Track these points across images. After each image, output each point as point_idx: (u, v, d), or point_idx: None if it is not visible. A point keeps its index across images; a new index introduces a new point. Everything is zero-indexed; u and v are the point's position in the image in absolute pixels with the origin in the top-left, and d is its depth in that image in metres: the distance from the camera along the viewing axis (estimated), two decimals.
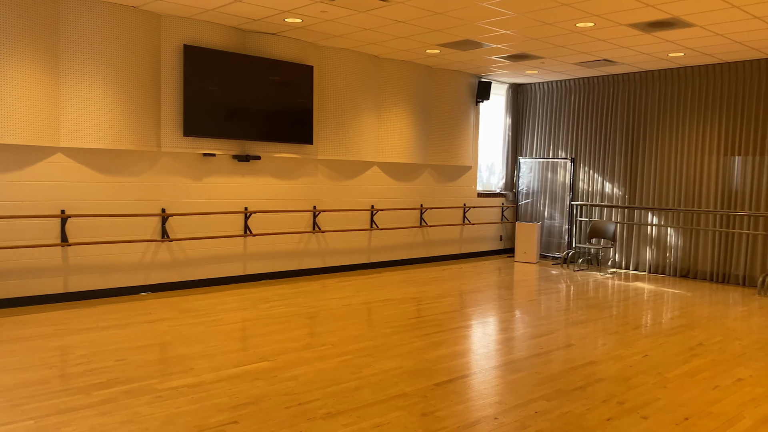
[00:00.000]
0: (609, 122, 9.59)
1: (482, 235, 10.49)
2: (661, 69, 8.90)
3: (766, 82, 7.97)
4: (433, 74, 9.40)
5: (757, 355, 4.96)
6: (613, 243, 9.44)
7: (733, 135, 8.30)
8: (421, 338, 5.19)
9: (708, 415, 3.66)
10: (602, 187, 9.69)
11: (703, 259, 8.63)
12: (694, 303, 7.01)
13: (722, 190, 8.41)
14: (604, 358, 4.75)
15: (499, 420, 3.50)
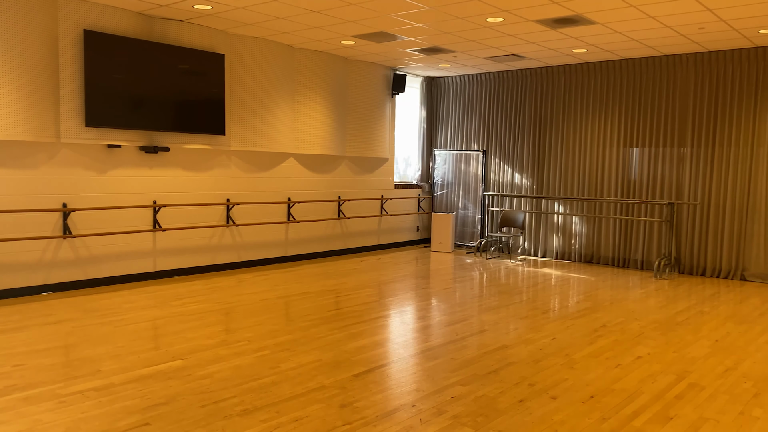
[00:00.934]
0: (518, 116, 9.94)
1: (400, 226, 10.61)
2: (566, 64, 9.31)
3: (661, 78, 8.51)
4: (349, 65, 9.37)
5: (653, 334, 5.31)
6: (522, 231, 9.81)
7: (631, 128, 8.82)
8: (339, 330, 5.18)
9: (611, 392, 3.89)
10: (512, 178, 10.04)
11: (606, 245, 9.13)
12: (598, 287, 7.41)
13: (622, 180, 8.92)
14: (516, 342, 4.93)
15: (417, 407, 3.56)
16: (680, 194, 8.43)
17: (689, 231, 8.40)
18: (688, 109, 8.32)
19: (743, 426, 3.40)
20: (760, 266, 7.87)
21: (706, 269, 8.28)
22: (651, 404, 3.68)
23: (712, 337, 5.22)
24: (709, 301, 6.68)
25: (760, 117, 7.77)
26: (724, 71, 8.01)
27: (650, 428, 3.34)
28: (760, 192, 7.81)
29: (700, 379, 4.16)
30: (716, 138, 8.11)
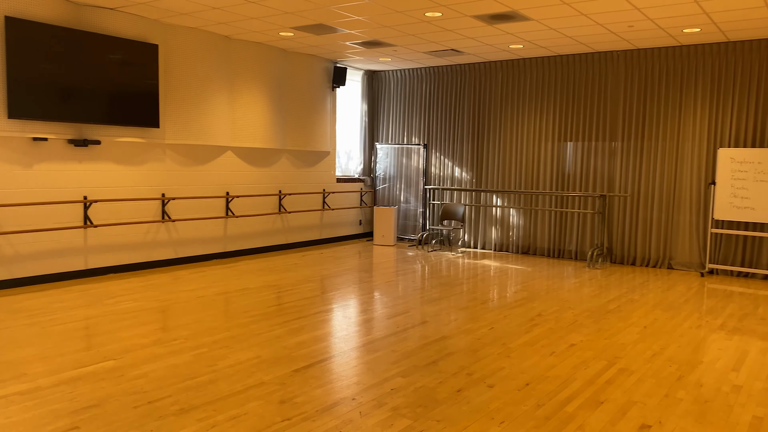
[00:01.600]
0: (458, 110, 10.07)
1: (342, 220, 10.58)
2: (503, 60, 9.49)
3: (593, 74, 8.79)
4: (288, 57, 9.26)
5: (586, 321, 5.50)
6: (462, 224, 9.97)
7: (566, 122, 9.08)
8: (280, 326, 5.13)
9: (545, 379, 4.00)
10: (453, 172, 10.17)
11: (542, 236, 9.39)
12: (534, 277, 7.61)
13: (557, 174, 9.19)
14: (455, 333, 5.01)
15: (357, 400, 3.57)
16: (612, 187, 8.75)
17: (620, 222, 8.73)
18: (618, 105, 8.63)
19: (668, 407, 3.57)
20: (685, 255, 8.27)
21: (636, 258, 8.64)
22: (583, 390, 3.81)
23: (641, 324, 5.45)
24: (639, 289, 6.97)
25: (684, 112, 8.15)
26: (652, 68, 8.35)
27: (582, 413, 3.46)
28: (685, 184, 8.20)
29: (629, 364, 4.34)
30: (645, 132, 8.45)
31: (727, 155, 7.69)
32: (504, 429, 3.23)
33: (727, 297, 6.66)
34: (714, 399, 3.70)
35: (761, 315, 5.87)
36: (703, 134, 8.04)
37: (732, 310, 6.03)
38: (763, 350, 4.72)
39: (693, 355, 4.57)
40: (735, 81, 7.80)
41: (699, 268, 8.18)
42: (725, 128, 7.90)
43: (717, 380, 4.03)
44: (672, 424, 3.34)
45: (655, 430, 3.26)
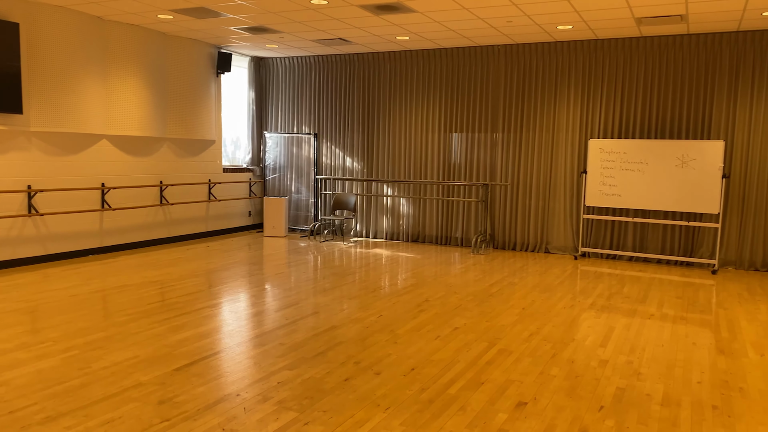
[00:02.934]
0: (348, 99, 10.07)
1: (230, 212, 10.28)
2: (391, 51, 9.59)
3: (476, 67, 9.10)
4: (168, 42, 8.81)
5: (470, 305, 5.71)
6: (354, 214, 10.01)
7: (451, 114, 9.35)
8: (161, 323, 4.90)
9: (430, 363, 4.11)
10: (344, 162, 10.17)
11: (430, 224, 9.64)
12: (423, 264, 7.80)
13: (444, 163, 9.45)
14: (345, 322, 5.02)
15: (242, 396, 3.48)
16: (494, 176, 9.13)
17: (502, 209, 9.14)
18: (499, 98, 9.00)
19: (543, 384, 3.78)
20: (560, 239, 8.80)
21: (516, 244, 9.08)
22: (465, 371, 3.95)
23: (520, 306, 5.74)
24: (519, 273, 7.34)
25: (558, 105, 8.64)
26: (529, 63, 8.77)
27: (464, 394, 3.58)
28: (559, 173, 8.71)
29: (508, 344, 4.55)
30: (523, 124, 8.88)
31: (597, 146, 8.26)
32: (389, 414, 3.27)
33: (597, 278, 7.17)
34: (583, 374, 3.97)
35: (626, 294, 6.37)
36: (576, 126, 8.57)
37: (601, 290, 6.49)
38: (627, 326, 5.13)
39: (566, 333, 4.88)
40: (603, 76, 8.37)
41: (573, 252, 8.74)
42: (595, 120, 8.47)
43: (586, 356, 4.32)
44: (546, 399, 3.54)
45: (531, 406, 3.44)
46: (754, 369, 4.13)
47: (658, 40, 8.01)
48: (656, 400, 3.55)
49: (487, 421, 3.22)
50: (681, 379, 3.90)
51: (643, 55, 8.12)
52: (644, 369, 4.08)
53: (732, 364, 4.21)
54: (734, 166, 7.79)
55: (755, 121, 7.64)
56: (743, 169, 7.75)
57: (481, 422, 3.20)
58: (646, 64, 8.12)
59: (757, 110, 7.62)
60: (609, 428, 3.17)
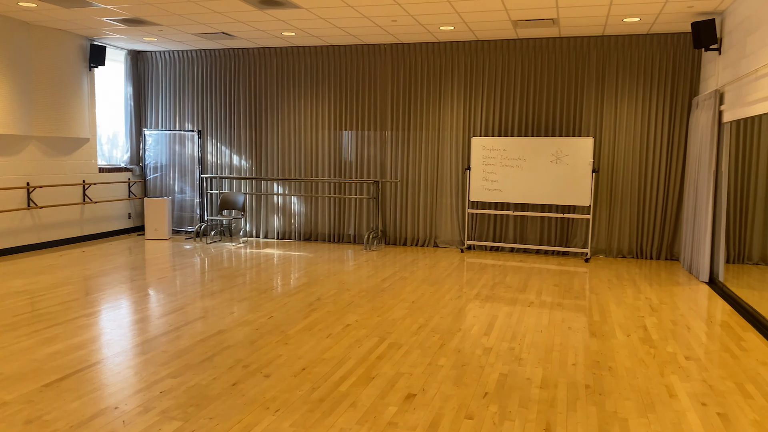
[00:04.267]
0: (233, 95, 9.79)
1: (108, 214, 9.68)
2: (277, 46, 9.43)
3: (364, 65, 9.17)
4: (33, 32, 8.12)
5: (362, 302, 5.75)
6: (243, 213, 9.77)
7: (341, 112, 9.36)
8: (29, 336, 4.51)
9: (321, 361, 4.09)
10: (231, 160, 9.89)
11: (322, 222, 9.60)
12: (316, 263, 7.75)
13: (335, 161, 9.44)
14: (233, 326, 4.88)
15: (120, 409, 3.28)
16: (384, 173, 9.25)
17: (392, 206, 9.28)
18: (387, 96, 9.13)
19: (431, 375, 3.87)
20: (448, 234, 9.08)
21: (407, 239, 9.27)
22: (356, 368, 3.97)
23: (410, 299, 5.85)
24: (409, 267, 7.49)
25: (443, 104, 8.90)
26: (415, 62, 8.97)
27: (354, 390, 3.59)
28: (446, 170, 8.98)
29: (398, 338, 4.62)
30: (411, 122, 9.07)
31: (479, 143, 8.60)
32: (279, 416, 3.22)
33: (482, 269, 7.47)
34: (469, 362, 4.11)
35: (508, 283, 6.68)
36: (460, 124, 8.87)
37: (485, 281, 6.77)
38: (509, 314, 5.38)
39: (453, 324, 5.04)
40: (484, 76, 8.72)
41: (459, 245, 9.05)
42: (477, 119, 8.81)
43: (472, 345, 4.48)
44: (434, 389, 3.63)
45: (420, 397, 3.51)
46: (622, 349, 4.47)
47: (533, 42, 8.46)
48: (536, 384, 3.75)
49: (377, 415, 3.25)
50: (558, 362, 4.14)
51: (520, 56, 8.55)
52: (525, 354, 4.29)
53: (602, 346, 4.53)
54: (602, 162, 8.40)
55: (620, 120, 8.28)
56: (611, 164, 8.37)
57: (371, 417, 3.23)
58: (522, 65, 8.55)
59: (621, 109, 8.26)
60: (492, 413, 3.31)
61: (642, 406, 3.43)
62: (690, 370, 4.03)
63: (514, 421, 3.22)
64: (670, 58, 8.03)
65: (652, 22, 7.30)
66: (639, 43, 8.12)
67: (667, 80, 8.06)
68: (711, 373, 3.97)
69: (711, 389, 3.69)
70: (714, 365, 4.12)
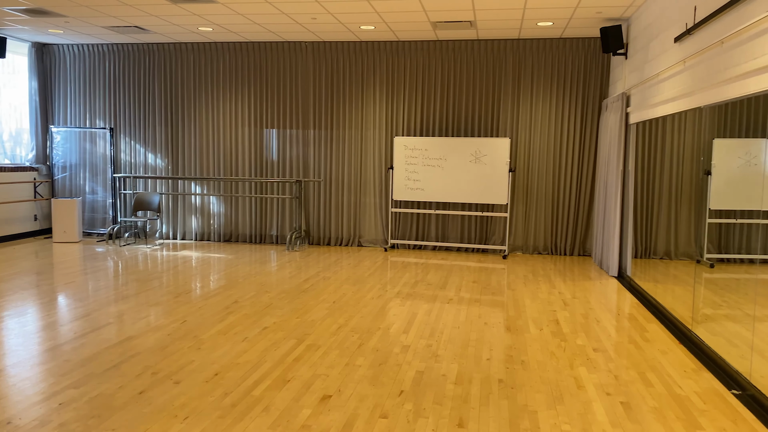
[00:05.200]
0: (148, 92, 9.42)
1: (11, 216, 9.08)
2: (194, 42, 9.15)
3: (285, 63, 9.03)
4: None
5: (281, 303, 5.65)
6: (159, 214, 9.41)
7: (263, 109, 9.18)
8: None
9: (236, 366, 3.98)
10: (145, 159, 9.51)
11: (243, 223, 9.39)
12: (235, 264, 7.57)
13: (256, 160, 9.26)
14: (143, 332, 4.68)
15: (14, 423, 3.07)
16: (307, 172, 9.15)
17: (316, 205, 9.20)
18: (309, 95, 9.03)
19: (348, 375, 3.84)
20: (372, 233, 9.10)
21: (331, 239, 9.21)
22: (272, 371, 3.89)
23: (331, 300, 5.80)
24: (333, 267, 7.44)
25: (366, 104, 8.90)
26: (337, 61, 8.92)
27: (268, 394, 3.51)
28: (369, 169, 8.99)
29: (316, 339, 4.57)
30: (334, 121, 9.01)
31: (401, 143, 8.65)
32: (188, 424, 3.10)
33: (404, 267, 7.52)
34: (386, 361, 4.12)
35: (429, 281, 6.75)
36: (382, 124, 8.90)
37: (407, 279, 6.82)
38: (428, 311, 5.43)
39: (373, 323, 5.03)
40: (405, 77, 8.79)
41: (383, 244, 9.08)
42: (399, 118, 8.86)
43: (390, 343, 4.49)
44: (350, 390, 3.60)
45: (335, 398, 3.48)
46: (534, 342, 4.60)
47: (453, 44, 8.61)
48: (451, 380, 3.79)
49: (291, 418, 3.19)
50: (473, 358, 4.21)
51: (440, 57, 8.67)
52: (442, 351, 4.34)
53: (516, 340, 4.65)
54: (519, 161, 8.64)
55: (535, 121, 8.55)
56: (527, 163, 8.63)
57: (284, 421, 3.16)
58: (443, 66, 8.68)
59: (536, 111, 8.53)
60: (407, 411, 3.31)
61: (551, 399, 3.53)
62: (597, 361, 4.19)
63: (428, 418, 3.24)
64: (582, 62, 8.36)
65: (564, 26, 7.58)
66: (553, 47, 8.41)
67: (579, 83, 8.39)
68: (616, 363, 4.15)
69: (616, 379, 3.85)
70: (619, 356, 4.31)
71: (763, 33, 3.62)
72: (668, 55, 5.55)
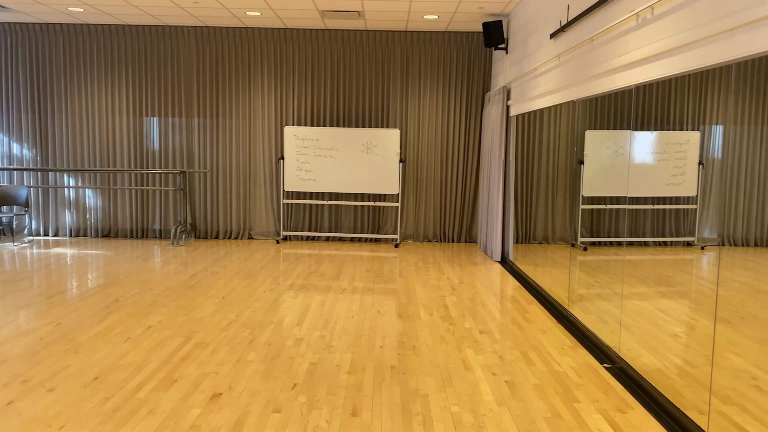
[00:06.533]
0: (11, 76, 8.61)
1: None
2: (64, 23, 8.47)
3: (166, 48, 8.59)
4: None
5: (166, 301, 5.40)
6: (26, 209, 8.66)
7: (143, 97, 8.68)
8: None
9: (117, 368, 3.75)
10: (9, 149, 8.71)
11: (123, 217, 8.87)
12: (115, 261, 7.14)
13: (136, 150, 8.75)
14: (11, 337, 4.29)
15: None
16: (192, 163, 8.79)
17: (202, 197, 8.87)
18: (193, 82, 8.66)
19: (239, 372, 3.75)
20: (263, 225, 8.92)
21: (219, 232, 8.92)
22: (157, 372, 3.71)
23: (220, 295, 5.63)
24: (222, 262, 7.21)
25: (254, 92, 8.68)
26: (222, 47, 8.61)
27: (154, 396, 3.35)
28: (259, 159, 8.79)
29: (205, 336, 4.41)
30: (219, 110, 8.71)
31: (292, 133, 8.54)
32: None
33: (297, 259, 7.45)
34: (279, 355, 4.06)
35: (322, 272, 6.73)
36: (272, 113, 8.73)
37: (300, 271, 6.75)
38: (322, 303, 5.42)
39: (265, 317, 4.94)
40: (294, 65, 8.66)
41: (275, 236, 8.94)
42: (289, 108, 8.73)
43: (283, 337, 4.43)
44: (241, 386, 3.52)
45: (226, 396, 3.38)
46: (425, 328, 4.72)
47: (342, 33, 8.58)
48: (344, 369, 3.81)
49: (179, 420, 3.07)
50: (366, 347, 4.25)
51: (329, 47, 8.62)
52: (335, 341, 4.34)
53: (408, 326, 4.75)
54: (408, 152, 8.81)
55: (423, 112, 8.74)
56: (416, 154, 8.81)
57: (171, 423, 3.03)
58: (332, 55, 8.64)
59: (424, 102, 8.72)
60: (301, 404, 3.29)
61: (441, 381, 3.64)
62: (483, 343, 4.38)
63: (322, 409, 3.23)
64: (466, 56, 8.65)
65: (449, 20, 7.79)
66: (439, 40, 8.62)
67: (464, 76, 8.67)
68: (501, 344, 4.36)
69: (501, 359, 4.04)
70: (504, 337, 4.52)
71: (628, 32, 3.91)
72: (545, 50, 5.87)
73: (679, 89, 3.37)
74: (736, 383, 2.69)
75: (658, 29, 3.48)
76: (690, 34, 3.10)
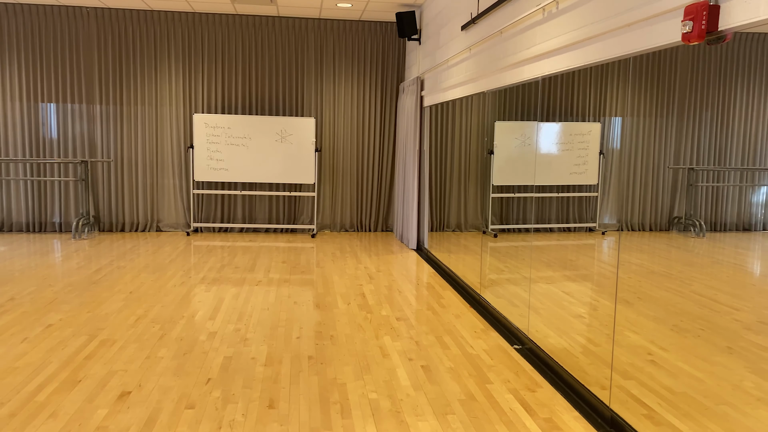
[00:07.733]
0: None
1: None
2: None
3: (63, 30, 8.05)
4: None
5: (68, 297, 5.10)
6: None
7: (36, 81, 8.11)
8: None
9: (14, 371, 3.51)
10: None
11: (18, 210, 8.28)
12: (10, 257, 6.66)
13: (31, 138, 8.18)
14: None
15: None
16: (93, 152, 8.33)
17: (106, 188, 8.42)
18: (94, 66, 8.18)
19: (149, 369, 3.60)
20: (172, 216, 8.59)
21: (125, 224, 8.51)
22: (59, 372, 3.50)
23: (127, 290, 5.38)
24: (128, 255, 6.89)
25: (161, 78, 8.32)
26: (125, 30, 8.18)
27: (56, 398, 3.16)
28: (166, 148, 8.45)
29: (112, 333, 4.21)
30: (124, 96, 8.29)
31: (202, 120, 8.26)
32: None
33: (210, 252, 7.24)
34: (192, 350, 3.93)
35: (236, 264, 6.58)
36: (180, 100, 8.40)
37: (213, 264, 6.57)
38: (236, 295, 5.30)
39: (176, 311, 4.77)
40: (204, 51, 8.36)
41: (185, 228, 8.64)
42: (198, 95, 8.43)
43: (195, 331, 4.30)
44: (152, 383, 3.38)
45: (135, 394, 3.24)
46: (342, 317, 4.73)
47: (253, 19, 8.37)
48: (260, 362, 3.75)
49: (84, 422, 2.91)
50: (283, 338, 4.21)
51: (240, 33, 8.39)
52: (251, 334, 4.27)
53: (325, 316, 4.74)
54: (324, 141, 8.75)
55: (338, 101, 8.70)
56: (332, 143, 8.77)
57: (76, 425, 2.87)
58: (243, 42, 8.41)
59: (339, 91, 8.68)
60: (216, 399, 3.21)
61: (359, 369, 3.66)
62: (400, 330, 4.44)
63: (238, 403, 3.17)
64: (381, 45, 8.67)
65: (362, 9, 7.77)
66: (353, 29, 8.59)
67: (379, 65, 8.70)
68: (417, 330, 4.43)
69: (417, 345, 4.12)
70: (420, 323, 4.61)
71: (534, 26, 4.06)
72: (456, 42, 5.98)
73: (582, 82, 3.54)
74: (634, 359, 2.88)
75: (562, 23, 3.63)
76: (592, 28, 3.26)
